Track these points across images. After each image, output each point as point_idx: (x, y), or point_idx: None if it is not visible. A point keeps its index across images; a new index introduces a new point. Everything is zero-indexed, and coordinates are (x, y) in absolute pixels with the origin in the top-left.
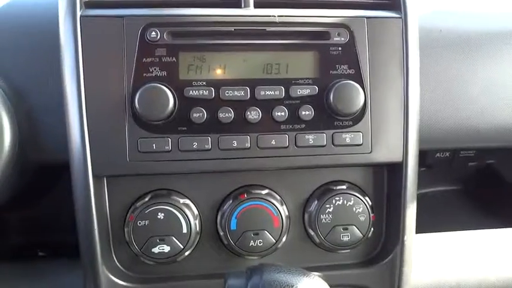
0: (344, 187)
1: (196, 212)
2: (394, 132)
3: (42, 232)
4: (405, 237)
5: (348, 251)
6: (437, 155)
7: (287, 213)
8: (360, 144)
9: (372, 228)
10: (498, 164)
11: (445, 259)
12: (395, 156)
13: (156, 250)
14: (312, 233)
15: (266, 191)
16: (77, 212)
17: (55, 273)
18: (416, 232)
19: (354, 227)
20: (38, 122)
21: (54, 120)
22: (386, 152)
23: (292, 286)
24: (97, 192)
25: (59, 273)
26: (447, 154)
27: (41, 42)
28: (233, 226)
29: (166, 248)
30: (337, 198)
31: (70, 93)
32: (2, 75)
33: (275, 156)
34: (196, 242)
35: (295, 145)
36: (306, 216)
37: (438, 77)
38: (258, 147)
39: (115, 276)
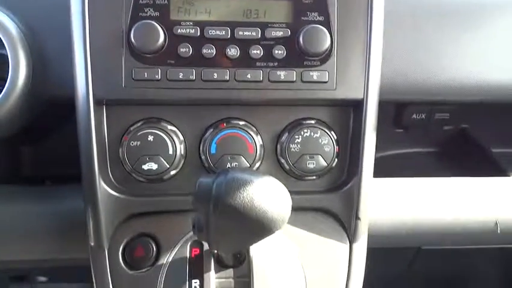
0: (313, 122)
1: (181, 138)
2: (356, 72)
3: (51, 166)
4: (363, 168)
5: (314, 178)
6: (414, 116)
7: (261, 143)
8: (326, 82)
9: (336, 159)
10: (472, 129)
11: (405, 200)
12: (356, 94)
13: (145, 167)
14: (282, 160)
15: (243, 122)
16: (80, 134)
17: (60, 195)
18: None
19: (320, 156)
20: (49, 59)
21: (63, 58)
22: (348, 89)
23: (251, 181)
24: (97, 118)
25: (64, 196)
26: (423, 116)
27: None
28: (213, 150)
29: (154, 166)
30: (305, 131)
31: (76, 29)
32: (18, 14)
33: (250, 89)
34: (181, 165)
35: (269, 80)
36: (278, 146)
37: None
38: (236, 80)
39: (110, 189)
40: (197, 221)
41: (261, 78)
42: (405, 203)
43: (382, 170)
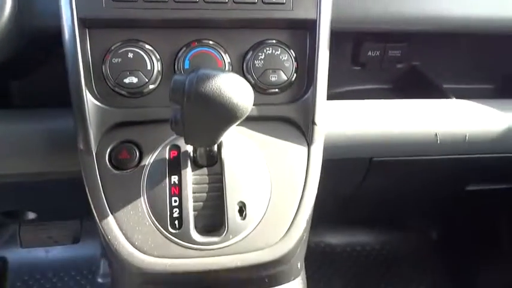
0: (274, 41)
1: (158, 56)
2: None
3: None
4: (318, 80)
5: (277, 91)
6: (369, 53)
7: (229, 61)
8: (284, 3)
9: (295, 74)
10: (423, 66)
11: (358, 116)
12: (310, 14)
13: (126, 81)
14: (248, 76)
15: (213, 42)
16: (66, 55)
17: (52, 115)
18: None
19: (281, 71)
20: None
21: None
22: (303, 10)
23: (218, 74)
24: (82, 39)
25: (56, 116)
26: (377, 53)
27: None
28: (186, 66)
29: (135, 80)
30: (267, 49)
31: None
32: None
33: (216, 9)
34: (159, 80)
35: (233, 1)
36: (244, 64)
37: None
38: (204, 1)
39: (96, 100)
40: (174, 116)
41: (226, 0)
42: (357, 118)
43: None
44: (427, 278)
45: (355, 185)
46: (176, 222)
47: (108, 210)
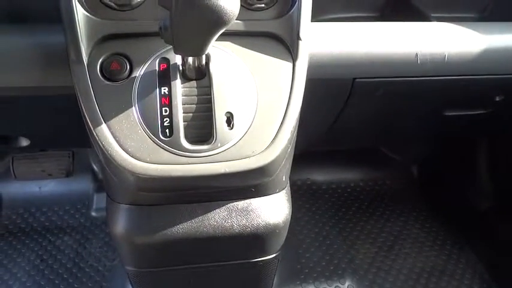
0: None
1: None
2: None
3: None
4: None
5: (263, 6)
6: None
7: None
8: None
9: None
10: None
11: (341, 36)
12: None
13: None
14: None
15: None
16: None
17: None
18: None
19: None
20: None
21: None
22: None
23: None
24: None
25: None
26: None
27: None
28: None
29: None
30: None
31: None
32: None
33: None
34: None
35: None
36: None
37: None
38: None
39: (85, 11)
40: (163, 22)
41: None
42: (341, 39)
43: None
44: (410, 214)
45: (339, 109)
46: (167, 130)
47: (102, 118)
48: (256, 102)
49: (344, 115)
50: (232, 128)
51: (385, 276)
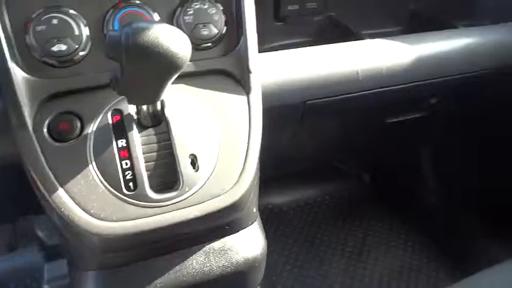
0: None
1: (85, 21)
2: None
3: None
4: (247, 28)
5: (210, 45)
6: (289, 7)
7: (159, 19)
8: None
9: (225, 27)
10: (339, 16)
11: (289, 62)
12: None
13: (55, 48)
14: None
15: (140, 1)
16: None
17: None
18: None
19: (211, 24)
20: None
21: None
22: None
23: (152, 25)
24: None
25: None
26: (296, 7)
27: None
28: (116, 26)
29: (64, 47)
30: (195, 4)
31: None
32: None
33: None
34: (89, 46)
35: None
36: (174, 21)
37: None
38: None
39: (25, 72)
40: (113, 74)
41: None
42: (288, 66)
43: None
44: (371, 219)
45: (293, 133)
46: (130, 184)
47: (57, 183)
48: (218, 140)
49: (298, 137)
50: (197, 170)
51: (360, 284)
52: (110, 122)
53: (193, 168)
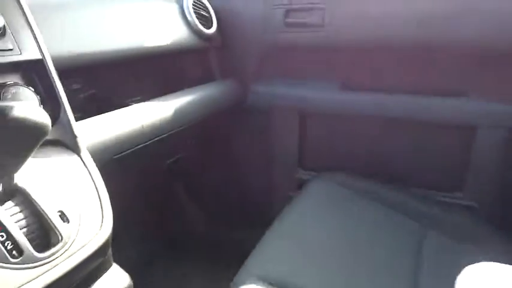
0: (13, 82)
1: None
2: (31, 40)
3: None
4: (63, 104)
5: None
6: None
7: None
8: (12, 49)
9: (42, 105)
10: (100, 92)
11: (97, 125)
12: (36, 55)
13: None
14: None
15: None
16: None
17: None
18: None
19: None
20: None
21: None
22: (30, 52)
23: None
24: None
25: None
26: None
27: None
28: None
29: None
30: (11, 89)
31: None
32: None
33: None
34: None
35: None
36: None
37: None
38: None
39: None
40: None
41: None
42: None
43: None
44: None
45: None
46: (14, 252)
47: None
48: (73, 196)
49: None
50: (68, 222)
51: None
52: None
53: (65, 221)
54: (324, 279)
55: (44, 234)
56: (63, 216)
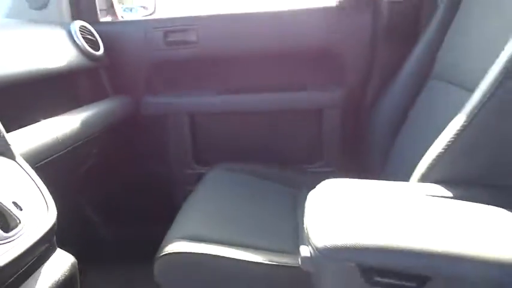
0: None
1: None
2: None
3: None
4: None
5: None
6: None
7: None
8: None
9: None
10: None
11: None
12: None
13: None
14: None
15: None
16: None
17: None
18: None
19: None
20: None
21: None
22: None
23: None
24: None
25: None
26: None
27: None
28: None
29: None
30: None
31: None
32: None
33: None
34: None
35: None
36: None
37: None
38: None
39: None
40: None
41: None
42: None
43: None
44: None
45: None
46: None
47: None
48: (19, 190)
49: None
50: (22, 210)
51: None
52: None
53: (19, 209)
54: (227, 233)
55: (4, 220)
56: (16, 205)
